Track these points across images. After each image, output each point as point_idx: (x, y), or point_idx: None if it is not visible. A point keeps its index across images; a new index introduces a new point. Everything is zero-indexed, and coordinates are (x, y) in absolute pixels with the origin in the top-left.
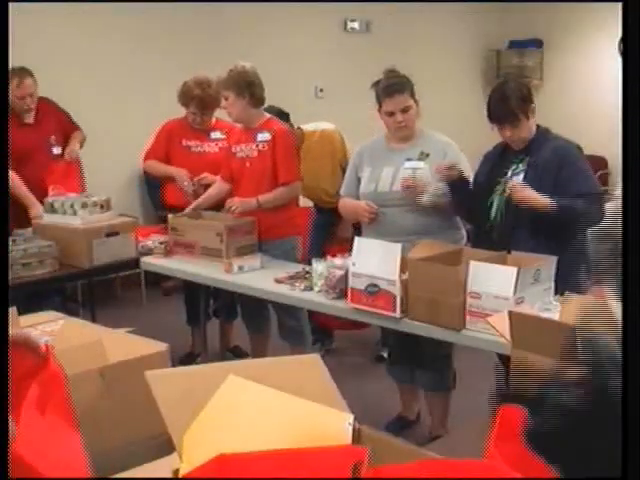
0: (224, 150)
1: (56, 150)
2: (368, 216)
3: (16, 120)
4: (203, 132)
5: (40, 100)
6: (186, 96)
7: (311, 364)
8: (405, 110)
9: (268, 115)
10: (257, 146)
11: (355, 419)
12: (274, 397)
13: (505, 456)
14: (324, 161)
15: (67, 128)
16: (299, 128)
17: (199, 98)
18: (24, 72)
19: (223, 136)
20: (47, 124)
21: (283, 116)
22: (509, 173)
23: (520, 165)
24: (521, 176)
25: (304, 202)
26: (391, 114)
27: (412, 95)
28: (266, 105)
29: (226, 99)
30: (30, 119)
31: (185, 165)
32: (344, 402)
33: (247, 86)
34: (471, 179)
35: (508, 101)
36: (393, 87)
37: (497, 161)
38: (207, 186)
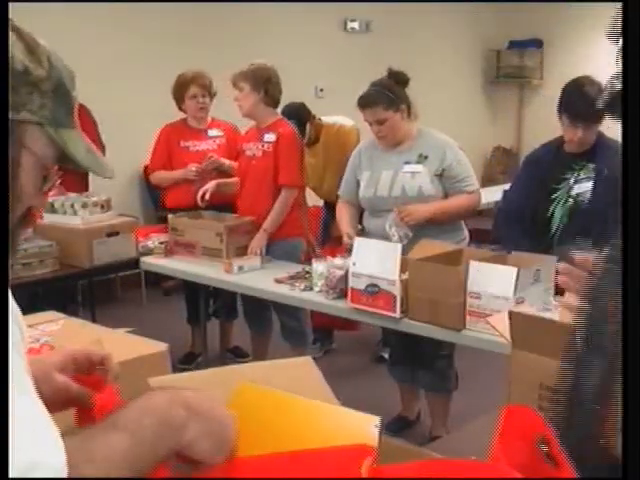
0: (223, 147)
1: None
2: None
3: None
4: (201, 131)
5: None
6: (183, 82)
7: (303, 366)
8: (380, 122)
9: (279, 116)
10: (263, 146)
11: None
12: (292, 402)
13: (511, 457)
14: (334, 157)
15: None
16: (319, 119)
17: (197, 77)
18: None
19: (221, 134)
20: None
21: (304, 110)
22: (571, 180)
23: (581, 172)
24: (586, 184)
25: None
26: (369, 123)
27: (389, 106)
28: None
29: (240, 90)
30: None
31: (186, 165)
32: (339, 403)
33: (263, 82)
34: (473, 180)
35: (594, 102)
36: (364, 100)
37: (551, 165)
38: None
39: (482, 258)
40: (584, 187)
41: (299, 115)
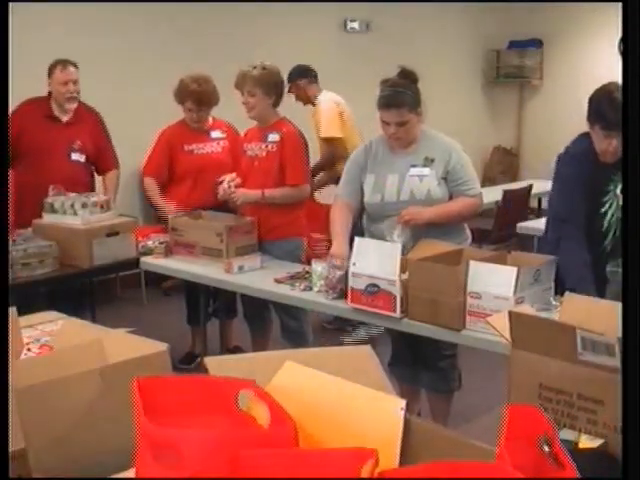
0: (226, 149)
1: (76, 156)
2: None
3: (48, 113)
4: (203, 133)
5: (83, 107)
6: (182, 92)
7: (362, 355)
8: (401, 124)
9: (281, 115)
10: (267, 146)
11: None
12: (329, 381)
13: (516, 457)
14: None
15: (101, 147)
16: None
17: (196, 93)
18: (67, 62)
19: (223, 135)
20: (78, 130)
21: (310, 72)
22: (617, 191)
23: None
24: None
25: None
26: (387, 123)
27: (412, 108)
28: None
29: (252, 95)
30: (64, 117)
31: (191, 169)
32: (394, 392)
33: (275, 86)
34: (475, 184)
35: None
36: (389, 100)
37: (592, 176)
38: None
39: (482, 258)
40: None
41: None
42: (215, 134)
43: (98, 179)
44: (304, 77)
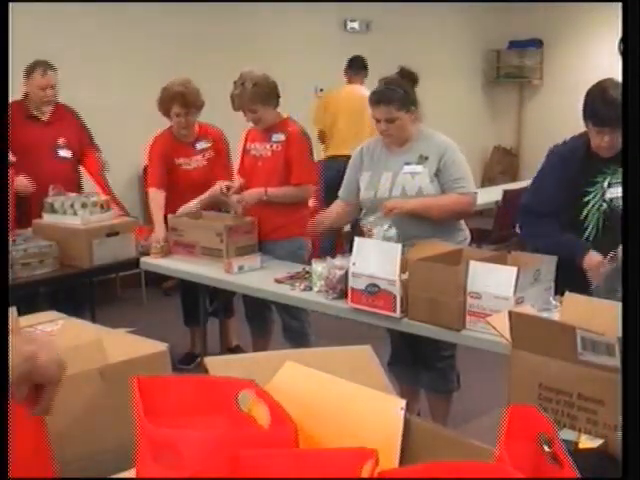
0: (211, 161)
1: (63, 153)
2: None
3: (28, 114)
4: (188, 145)
5: (61, 106)
6: (167, 97)
7: (362, 354)
8: (390, 120)
9: (284, 115)
10: (271, 146)
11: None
12: (329, 381)
13: (516, 457)
14: None
15: (82, 141)
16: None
17: (181, 94)
18: (48, 65)
19: (209, 144)
20: (59, 127)
21: (352, 64)
22: (604, 184)
23: (614, 177)
24: (619, 188)
25: None
26: (378, 120)
27: (402, 106)
28: None
29: (254, 112)
30: (44, 117)
31: (181, 184)
32: (394, 392)
33: (271, 93)
34: (466, 183)
35: (619, 105)
36: (379, 97)
37: (581, 166)
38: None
39: (482, 258)
40: (618, 192)
41: None
42: (200, 145)
43: (85, 177)
44: (347, 67)
